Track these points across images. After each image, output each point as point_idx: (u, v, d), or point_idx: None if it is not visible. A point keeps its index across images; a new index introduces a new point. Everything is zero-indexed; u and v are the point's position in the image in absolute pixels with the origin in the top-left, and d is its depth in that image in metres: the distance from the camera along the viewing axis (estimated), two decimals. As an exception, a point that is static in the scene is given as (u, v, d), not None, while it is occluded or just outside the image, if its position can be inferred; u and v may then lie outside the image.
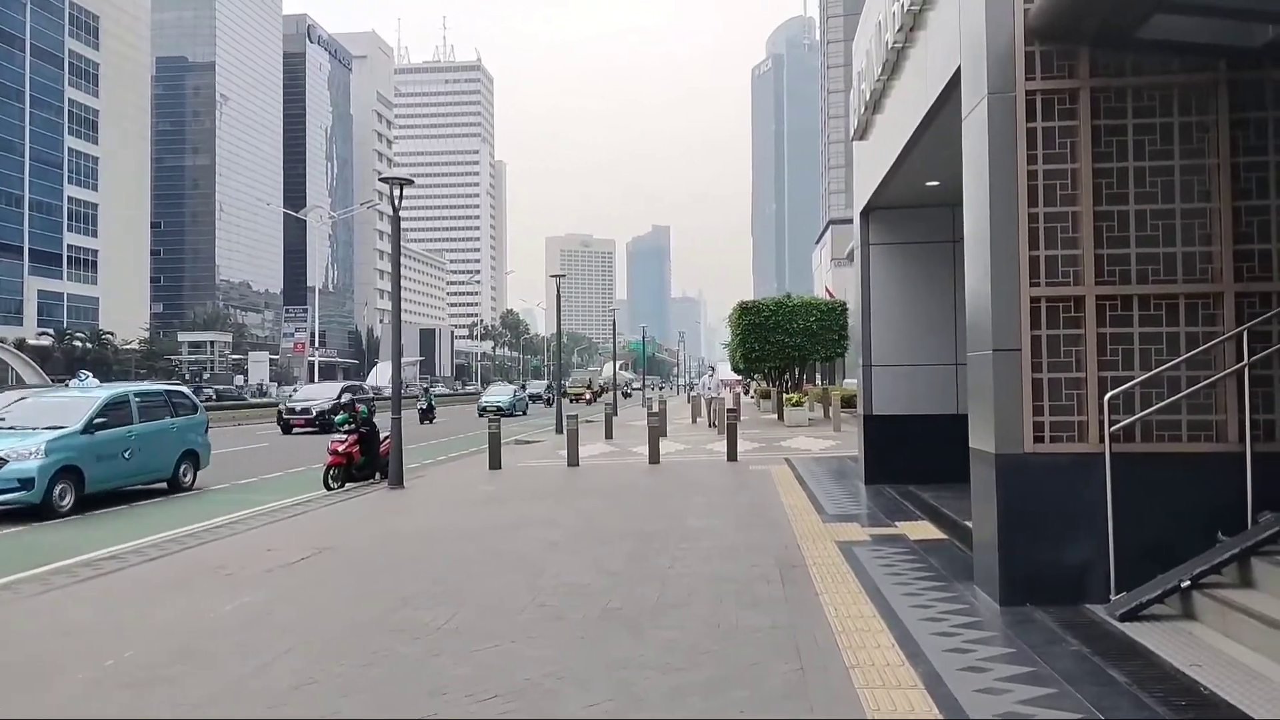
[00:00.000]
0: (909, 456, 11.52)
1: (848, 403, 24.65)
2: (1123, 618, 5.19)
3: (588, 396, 58.59)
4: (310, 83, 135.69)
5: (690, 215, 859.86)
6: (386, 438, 14.50)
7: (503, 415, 22.53)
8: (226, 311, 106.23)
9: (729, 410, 16.23)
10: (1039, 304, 5.67)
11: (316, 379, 57.97)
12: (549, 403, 51.17)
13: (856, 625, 5.32)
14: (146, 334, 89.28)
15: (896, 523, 8.77)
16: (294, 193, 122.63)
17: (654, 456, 15.82)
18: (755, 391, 37.23)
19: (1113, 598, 5.38)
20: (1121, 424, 5.51)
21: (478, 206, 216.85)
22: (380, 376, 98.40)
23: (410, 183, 13.78)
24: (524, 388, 46.75)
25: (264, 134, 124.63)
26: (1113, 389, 5.53)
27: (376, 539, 9.06)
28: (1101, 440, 5.49)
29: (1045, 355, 5.66)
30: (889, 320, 11.70)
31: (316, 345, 67.10)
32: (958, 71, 6.36)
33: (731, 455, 15.67)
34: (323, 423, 26.70)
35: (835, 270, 79.78)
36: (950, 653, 4.75)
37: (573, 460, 15.77)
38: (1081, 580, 5.56)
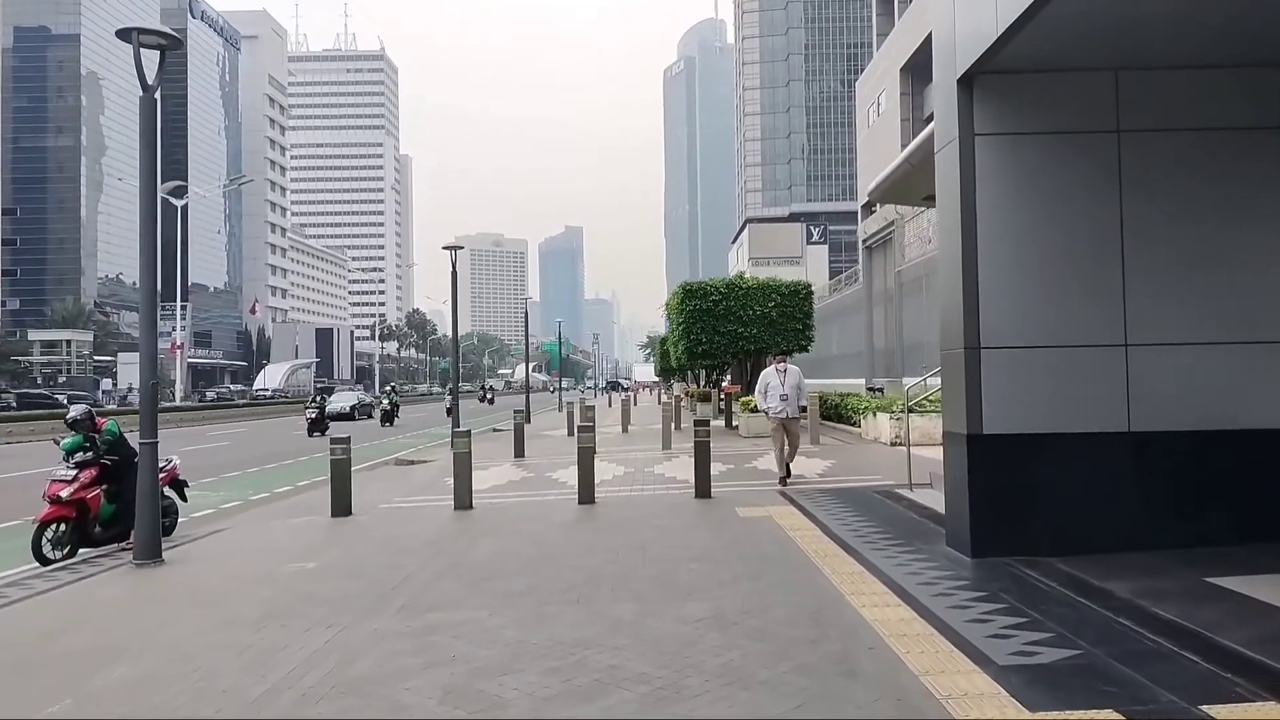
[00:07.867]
0: (1057, 508, 6.55)
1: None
2: None
3: None
4: (193, 63, 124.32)
5: (603, 216, 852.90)
6: (171, 463, 9.09)
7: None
8: (90, 308, 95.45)
9: (697, 425, 10.97)
10: None
11: (181, 383, 50.25)
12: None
13: None
14: (-4, 332, 79.03)
15: (1201, 707, 3.70)
16: (176, 181, 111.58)
17: (587, 493, 10.52)
18: (685, 393, 32.08)
19: None
20: None
21: (382, 203, 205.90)
22: (269, 379, 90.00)
23: (178, 45, 8.16)
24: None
25: (139, 115, 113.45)
26: None
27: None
28: None
29: None
30: (1014, 268, 6.69)
31: (181, 345, 59.19)
32: None
33: (703, 490, 10.50)
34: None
35: (752, 270, 76.60)
36: None
37: (463, 501, 10.38)
38: None
